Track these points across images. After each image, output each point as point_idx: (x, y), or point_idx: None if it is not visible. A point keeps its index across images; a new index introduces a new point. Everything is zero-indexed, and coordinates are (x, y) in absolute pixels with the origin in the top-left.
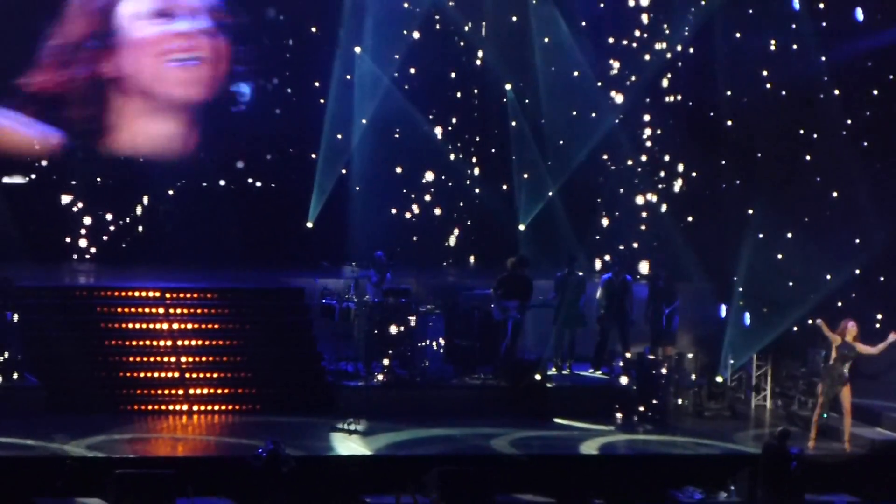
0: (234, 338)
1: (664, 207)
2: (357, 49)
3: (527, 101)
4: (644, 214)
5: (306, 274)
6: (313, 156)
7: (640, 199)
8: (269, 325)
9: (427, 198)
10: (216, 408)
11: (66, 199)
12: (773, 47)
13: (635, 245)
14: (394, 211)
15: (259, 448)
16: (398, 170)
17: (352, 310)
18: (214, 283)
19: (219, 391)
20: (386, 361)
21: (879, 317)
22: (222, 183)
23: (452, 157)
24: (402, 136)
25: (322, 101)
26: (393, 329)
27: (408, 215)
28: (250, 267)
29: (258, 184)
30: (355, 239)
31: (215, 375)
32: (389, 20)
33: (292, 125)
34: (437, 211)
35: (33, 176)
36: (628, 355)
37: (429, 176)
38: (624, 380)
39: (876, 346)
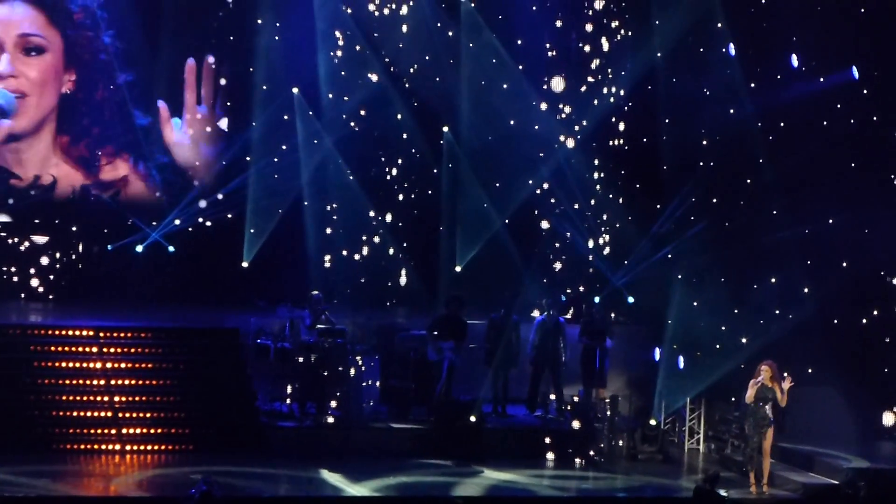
0: (168, 377)
1: (607, 251)
2: (294, 90)
3: (462, 142)
4: (590, 257)
5: (241, 313)
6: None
7: (590, 243)
8: (203, 364)
9: (376, 239)
10: (149, 447)
11: (40, 239)
12: (708, 93)
13: (581, 288)
14: (344, 252)
15: (192, 488)
16: (342, 209)
17: (287, 350)
18: (148, 322)
19: (152, 431)
20: (323, 402)
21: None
22: (178, 222)
23: (401, 197)
24: (351, 177)
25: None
26: (328, 370)
27: (356, 257)
28: (185, 306)
29: (208, 223)
30: (293, 279)
31: (148, 415)
32: (338, 62)
33: (234, 165)
34: (390, 251)
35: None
36: (552, 397)
37: (374, 216)
38: (576, 423)
39: (783, 396)
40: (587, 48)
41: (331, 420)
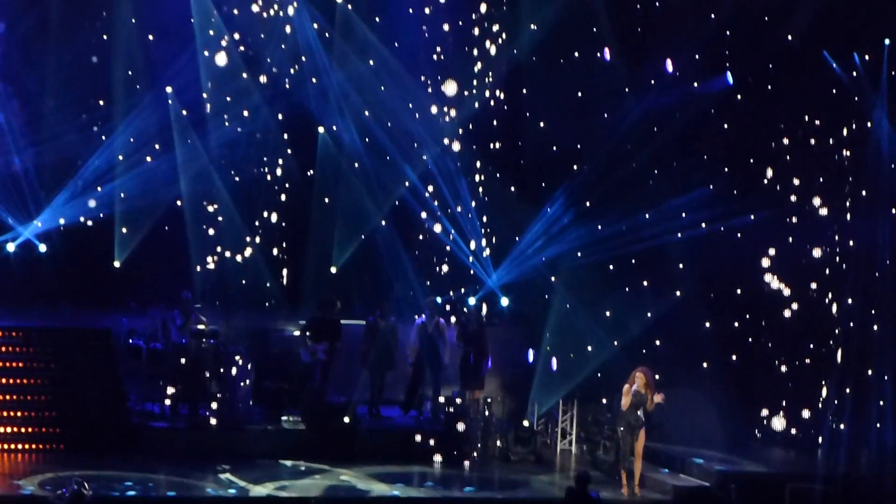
0: (39, 377)
1: (487, 253)
2: (168, 89)
3: (341, 144)
4: (471, 259)
5: (114, 314)
6: (122, 195)
7: (472, 245)
8: (75, 364)
9: (258, 240)
10: (19, 447)
11: None
12: (583, 97)
13: (463, 290)
14: (227, 254)
15: (63, 488)
16: (224, 211)
17: (159, 351)
18: (19, 321)
19: (22, 430)
20: (196, 403)
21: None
22: (62, 221)
23: (283, 197)
24: (234, 178)
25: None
26: (201, 371)
27: (238, 258)
28: (57, 306)
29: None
30: (170, 280)
31: (19, 414)
32: (218, 63)
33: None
34: (274, 252)
35: None
36: (441, 399)
37: (256, 217)
38: (461, 425)
39: (652, 403)
40: (475, 51)
41: (213, 421)
